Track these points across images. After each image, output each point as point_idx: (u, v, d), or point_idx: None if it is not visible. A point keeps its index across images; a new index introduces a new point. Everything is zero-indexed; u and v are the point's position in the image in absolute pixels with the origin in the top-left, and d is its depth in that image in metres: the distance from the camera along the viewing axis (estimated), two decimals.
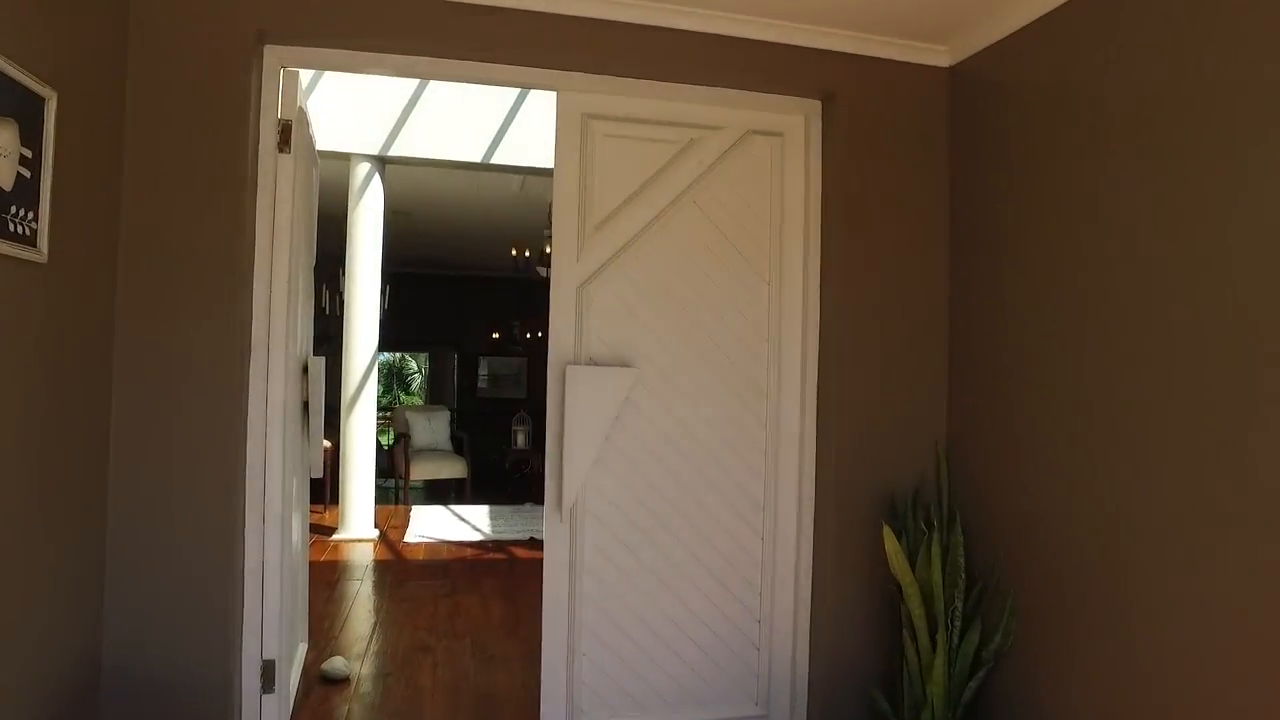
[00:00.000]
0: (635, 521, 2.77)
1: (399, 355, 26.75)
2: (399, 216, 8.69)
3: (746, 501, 2.88)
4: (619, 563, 2.76)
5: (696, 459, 2.82)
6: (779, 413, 2.89)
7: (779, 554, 2.89)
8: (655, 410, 2.78)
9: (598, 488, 2.73)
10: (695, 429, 2.82)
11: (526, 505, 7.51)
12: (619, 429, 2.73)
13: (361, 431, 5.90)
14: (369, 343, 5.93)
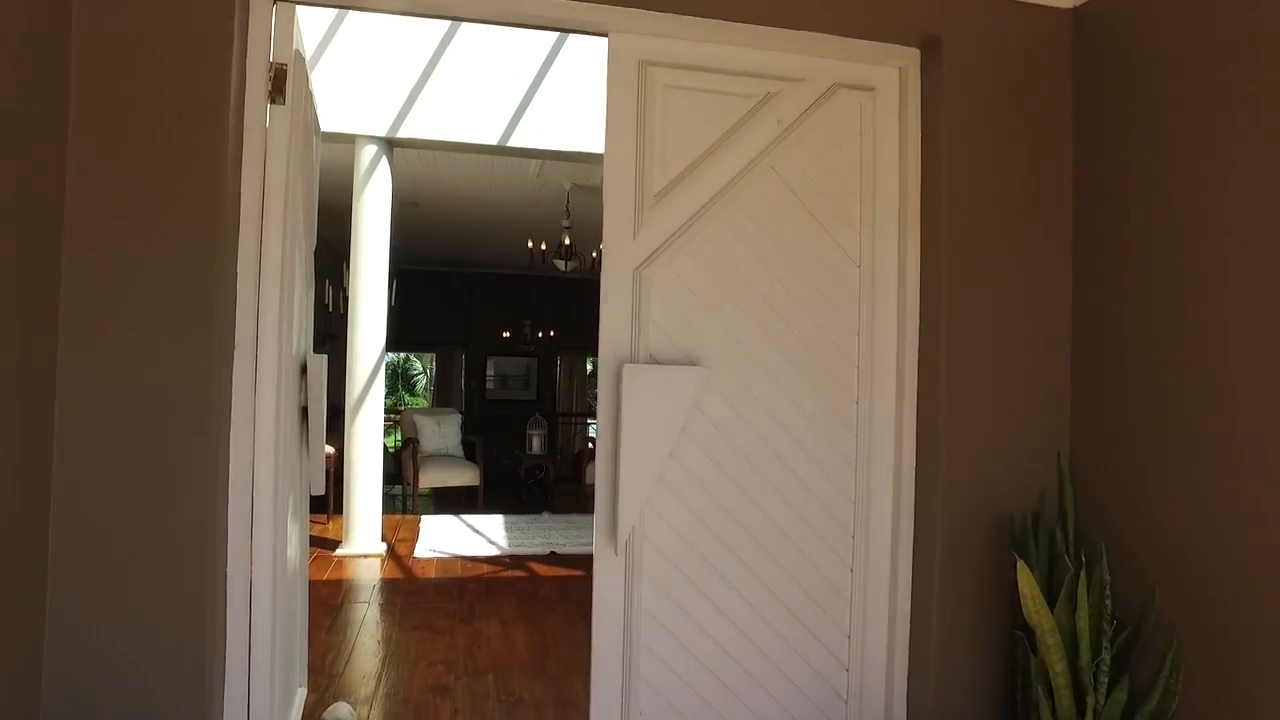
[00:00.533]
0: (702, 552, 2.30)
1: (404, 355, 26.37)
2: (406, 207, 8.22)
3: (833, 526, 2.40)
4: (683, 601, 2.29)
5: (775, 476, 2.34)
6: (871, 419, 2.42)
7: (871, 589, 2.42)
8: (727, 417, 2.30)
9: (659, 512, 2.26)
10: (774, 439, 2.34)
11: (544, 515, 7.04)
12: (684, 440, 2.25)
13: (367, 436, 5.44)
14: (375, 341, 5.47)
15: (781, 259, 2.36)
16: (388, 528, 6.31)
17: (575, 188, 7.16)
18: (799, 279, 2.37)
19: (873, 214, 2.44)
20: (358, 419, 5.40)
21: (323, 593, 4.52)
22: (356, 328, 5.43)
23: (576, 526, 6.60)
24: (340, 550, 5.42)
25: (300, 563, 2.78)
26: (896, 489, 2.41)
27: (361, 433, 5.42)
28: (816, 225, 2.39)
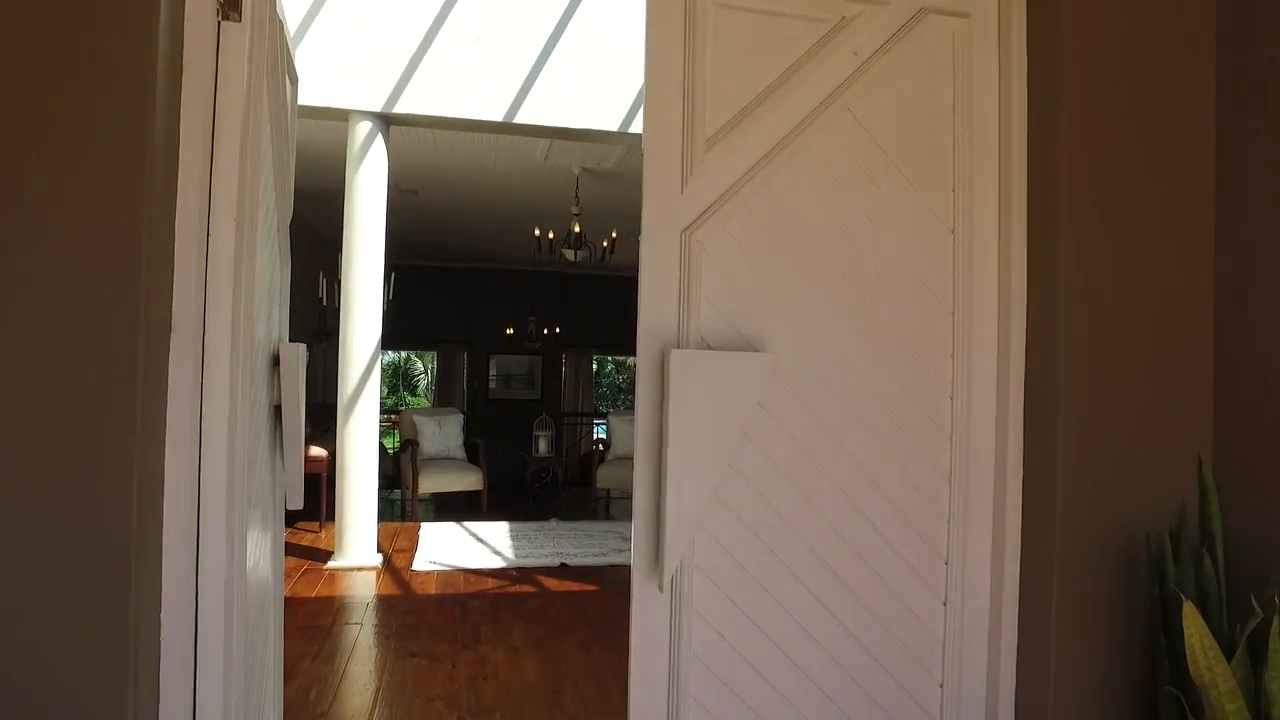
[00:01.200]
0: (766, 585, 1.85)
1: (404, 355, 25.95)
2: (405, 195, 7.78)
3: (923, 551, 1.95)
4: (742, 644, 1.84)
5: (853, 488, 1.90)
6: (969, 419, 1.97)
7: (968, 629, 1.97)
8: (795, 416, 1.85)
9: (714, 535, 1.81)
10: (851, 443, 1.89)
11: (552, 522, 6.59)
12: (745, 446, 1.80)
13: (362, 439, 4.99)
14: (370, 335, 5.02)
15: (859, 221, 1.91)
16: (384, 537, 5.87)
17: (585, 173, 6.71)
18: (881, 245, 1.92)
19: (970, 169, 1.99)
20: (351, 420, 4.95)
21: (311, 612, 4.08)
22: (350, 321, 4.98)
23: (587, 535, 6.15)
24: (332, 563, 4.97)
25: (274, 587, 2.34)
26: (999, 504, 1.96)
27: (355, 435, 4.98)
28: (902, 181, 1.95)
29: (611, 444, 7.57)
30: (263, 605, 2.14)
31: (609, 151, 6.19)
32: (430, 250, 11.78)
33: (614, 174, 6.81)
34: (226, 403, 1.60)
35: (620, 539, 6.04)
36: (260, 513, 2.07)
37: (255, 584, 1.98)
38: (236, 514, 1.65)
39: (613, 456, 7.49)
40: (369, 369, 5.00)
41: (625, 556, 5.49)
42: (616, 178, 6.92)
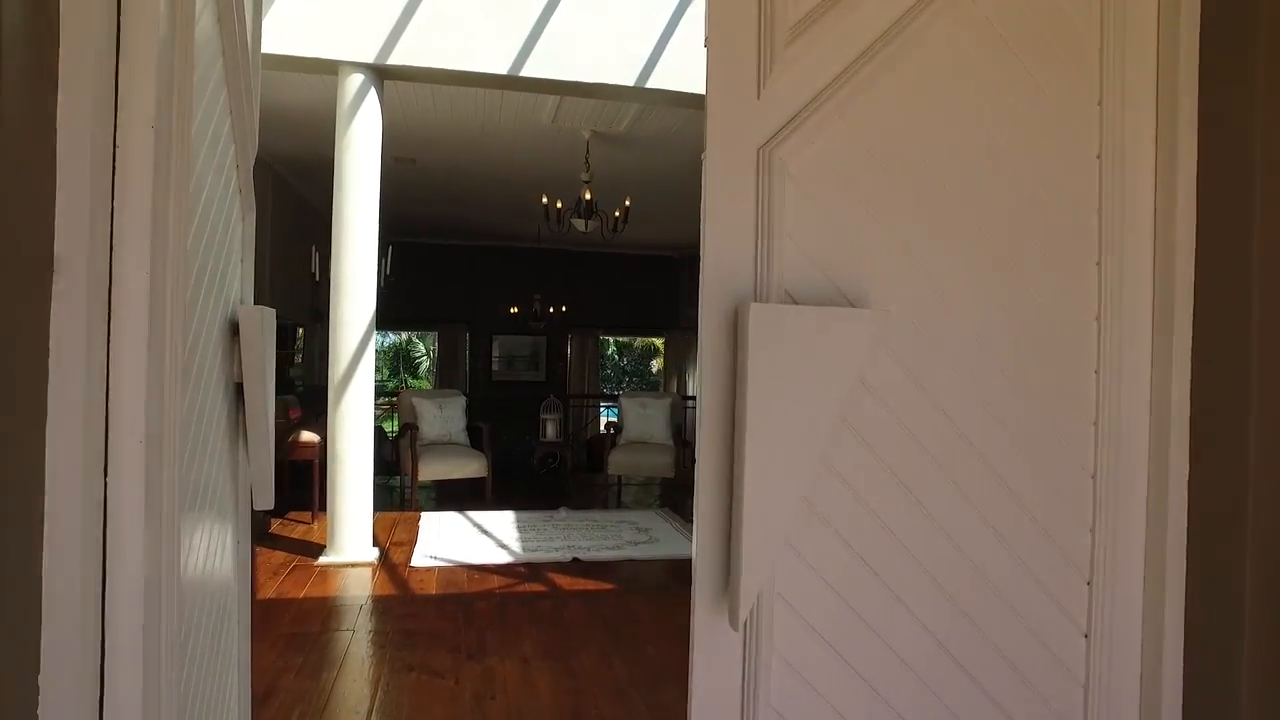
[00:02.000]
0: (866, 617, 1.42)
1: (406, 336, 25.52)
2: (402, 164, 7.31)
3: (1060, 568, 1.52)
4: (838, 697, 1.41)
5: (976, 489, 1.46)
6: (1119, 399, 1.53)
7: (1116, 670, 1.54)
8: (903, 394, 1.41)
9: (801, 552, 1.38)
10: (971, 430, 1.45)
11: (561, 511, 6.17)
12: (843, 433, 1.36)
13: (355, 423, 4.56)
14: (363, 312, 4.58)
15: (982, 141, 1.46)
16: (382, 528, 5.45)
17: (596, 137, 6.24)
18: (1008, 171, 1.47)
19: (1120, 77, 1.53)
20: (343, 403, 4.52)
21: (298, 617, 3.66)
22: (341, 297, 4.54)
23: (600, 526, 5.74)
24: (324, 558, 4.56)
25: (236, 595, 1.91)
26: (1160, 510, 1.52)
27: (348, 420, 4.54)
28: (1033, 89, 1.49)
29: (623, 428, 7.14)
30: (219, 616, 1.71)
31: (622, 112, 5.72)
32: (430, 226, 11.32)
33: (627, 138, 6.34)
34: (143, 370, 1.16)
35: (635, 530, 5.62)
36: (216, 507, 1.66)
37: (205, 591, 1.56)
38: (164, 507, 1.22)
39: (625, 441, 7.06)
40: (362, 348, 4.56)
41: (642, 550, 5.07)
42: (630, 142, 6.45)
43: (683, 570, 4.70)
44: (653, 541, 5.30)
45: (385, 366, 27.44)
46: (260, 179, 7.49)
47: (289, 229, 7.96)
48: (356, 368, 4.57)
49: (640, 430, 7.05)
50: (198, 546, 1.49)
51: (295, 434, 5.39)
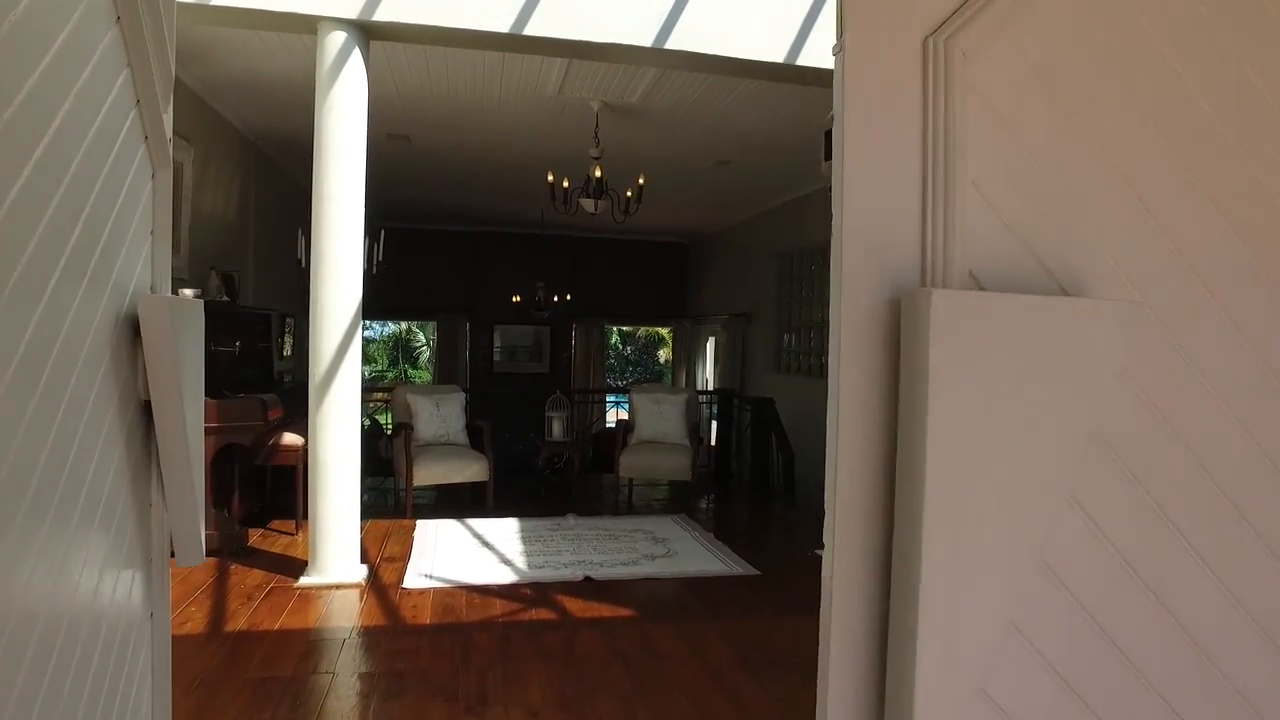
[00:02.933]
0: None
1: (405, 326, 25.03)
2: (396, 141, 6.78)
3: None
4: None
5: (1244, 560, 0.94)
6: None
7: None
8: (1155, 432, 0.89)
9: (1031, 639, 0.86)
10: (1239, 479, 0.93)
11: (569, 518, 5.67)
12: (1072, 508, 0.84)
13: (339, 426, 4.05)
14: (348, 301, 4.06)
15: (1256, 41, 0.94)
16: (373, 539, 4.96)
17: (606, 109, 5.70)
18: None
19: None
20: (325, 404, 4.01)
21: (270, 655, 3.16)
22: (322, 285, 4.01)
23: (612, 535, 5.24)
24: (306, 579, 4.06)
25: (151, 655, 1.43)
26: None
27: (331, 422, 4.03)
28: None
29: (635, 426, 6.63)
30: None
31: (635, 80, 5.18)
32: (428, 210, 10.79)
33: (640, 111, 5.80)
34: None
35: (651, 541, 5.13)
36: (106, 543, 1.17)
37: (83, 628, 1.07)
38: None
39: (636, 440, 6.55)
40: (346, 342, 4.04)
41: (659, 566, 4.57)
42: (643, 115, 5.91)
43: (707, 590, 4.20)
44: (671, 555, 4.80)
45: (384, 356, 26.95)
46: (243, 157, 6.97)
47: (277, 212, 7.43)
48: (340, 364, 4.05)
49: (653, 429, 6.55)
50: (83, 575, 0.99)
51: (276, 437, 4.89)
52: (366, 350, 26.28)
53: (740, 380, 10.71)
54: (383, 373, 26.90)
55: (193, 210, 5.40)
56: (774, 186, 8.60)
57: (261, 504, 5.41)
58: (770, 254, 9.77)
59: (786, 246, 9.35)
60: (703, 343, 13.30)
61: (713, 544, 5.09)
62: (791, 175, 7.86)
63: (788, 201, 9.04)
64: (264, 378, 5.70)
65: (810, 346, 9.01)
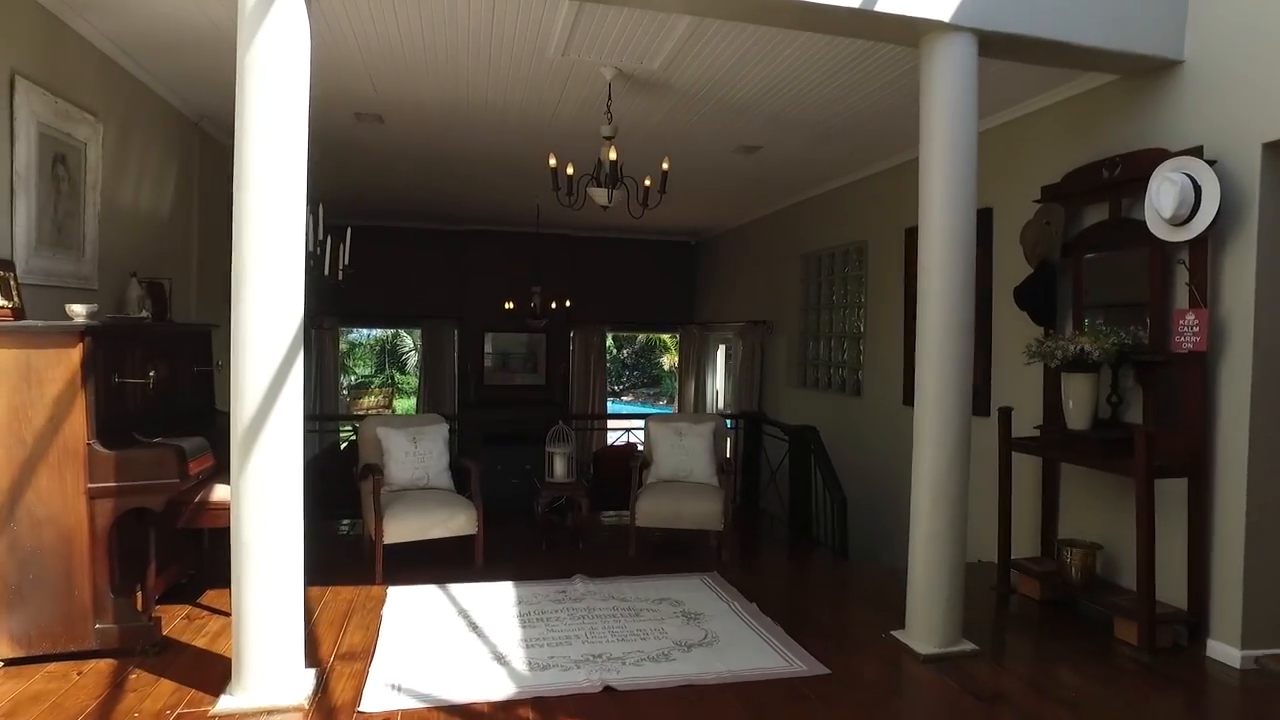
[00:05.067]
0: None
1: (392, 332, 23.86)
2: (366, 123, 5.72)
3: None
4: None
5: None
6: None
7: None
8: None
9: None
10: None
11: (576, 581, 4.61)
12: None
13: (271, 487, 2.97)
14: (281, 320, 2.97)
15: None
16: (330, 617, 3.90)
17: (621, 79, 4.64)
18: None
19: None
20: (253, 458, 2.93)
21: None
22: (244, 299, 2.93)
23: (631, 609, 4.19)
24: (226, 700, 2.98)
25: None
26: None
27: (260, 481, 2.96)
28: None
29: (653, 462, 5.57)
30: None
31: (660, 39, 4.12)
32: (409, 206, 9.70)
33: (660, 82, 4.75)
34: None
35: (681, 617, 4.08)
36: None
37: None
38: None
39: (654, 479, 5.49)
40: (282, 374, 2.96)
41: (698, 662, 3.52)
42: (663, 89, 4.85)
43: (767, 701, 3.15)
44: (711, 644, 3.75)
45: (370, 362, 25.79)
46: (182, 141, 5.81)
47: (225, 202, 6.33)
48: (273, 406, 2.97)
49: (675, 465, 5.49)
50: None
51: (204, 492, 3.81)
52: (352, 355, 25.13)
53: (759, 395, 9.67)
54: (369, 378, 25.78)
55: (103, 202, 4.32)
56: (805, 178, 7.55)
57: (194, 571, 4.34)
58: (795, 255, 8.72)
59: (815, 246, 8.30)
60: (712, 351, 12.26)
61: (759, 621, 4.05)
62: (830, 164, 6.81)
63: (818, 196, 7.99)
64: (203, 411, 4.61)
65: (844, 360, 7.96)
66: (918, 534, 3.75)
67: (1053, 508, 4.70)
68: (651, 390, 29.43)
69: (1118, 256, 4.25)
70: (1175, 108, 3.93)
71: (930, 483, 3.70)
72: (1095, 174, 4.29)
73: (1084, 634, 4.00)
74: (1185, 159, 3.70)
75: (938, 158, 3.66)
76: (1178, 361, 3.84)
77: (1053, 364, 4.10)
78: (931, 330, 3.67)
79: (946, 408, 3.66)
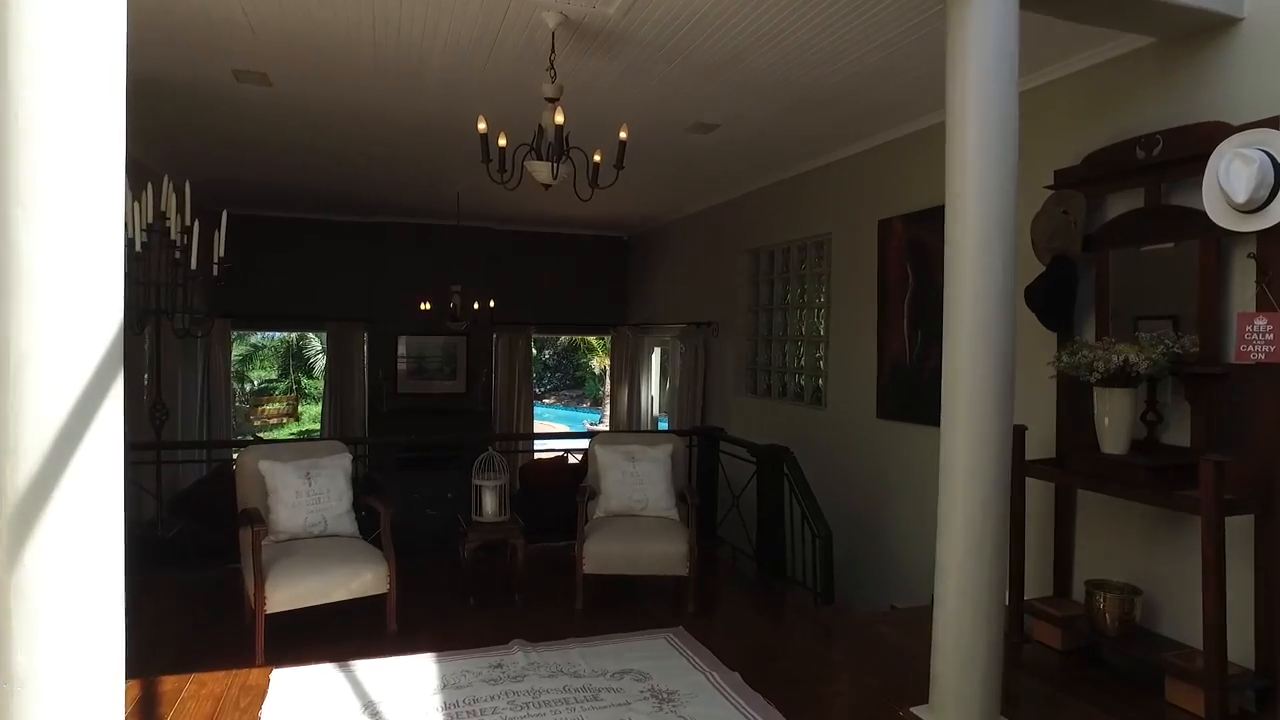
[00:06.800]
0: None
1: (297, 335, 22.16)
2: (248, 82, 4.66)
3: None
4: None
5: None
6: None
7: None
8: None
9: None
10: None
11: (514, 650, 3.72)
12: None
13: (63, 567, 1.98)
14: (84, 333, 1.98)
15: None
16: None
17: (567, 27, 3.77)
18: None
19: None
20: (30, 550, 1.93)
21: None
22: (12, 312, 1.93)
23: (586, 688, 3.33)
24: None
25: None
26: None
27: (42, 567, 1.95)
28: None
29: (600, 492, 4.71)
30: None
31: None
32: (310, 193, 8.52)
33: (616, 35, 3.90)
34: None
35: (652, 699, 3.25)
36: None
37: None
38: None
39: (603, 513, 4.63)
40: (91, 398, 1.97)
41: None
42: (618, 43, 4.00)
43: None
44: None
45: (273, 366, 23.93)
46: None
47: None
48: (82, 444, 1.97)
49: (627, 496, 4.64)
50: None
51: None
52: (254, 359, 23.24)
53: (702, 403, 8.92)
54: (272, 385, 23.90)
55: None
56: (762, 164, 6.81)
57: None
58: (744, 250, 8.00)
59: (768, 240, 7.59)
60: (647, 355, 11.46)
61: (747, 699, 3.25)
62: (795, 146, 6.08)
63: (774, 184, 7.27)
64: None
65: (800, 365, 7.28)
66: (947, 591, 3.02)
67: (1068, 542, 4.07)
68: (574, 393, 28.55)
69: (1156, 251, 3.63)
70: (1233, 74, 3.32)
71: (964, 524, 2.96)
72: (1126, 155, 3.66)
73: (1128, 698, 3.37)
74: (1259, 132, 3.09)
75: (973, 122, 2.93)
76: (1238, 375, 3.24)
77: (1092, 378, 3.44)
78: (963, 343, 2.95)
79: (983, 435, 2.93)
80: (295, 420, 22.09)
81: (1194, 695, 3.16)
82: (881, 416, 5.61)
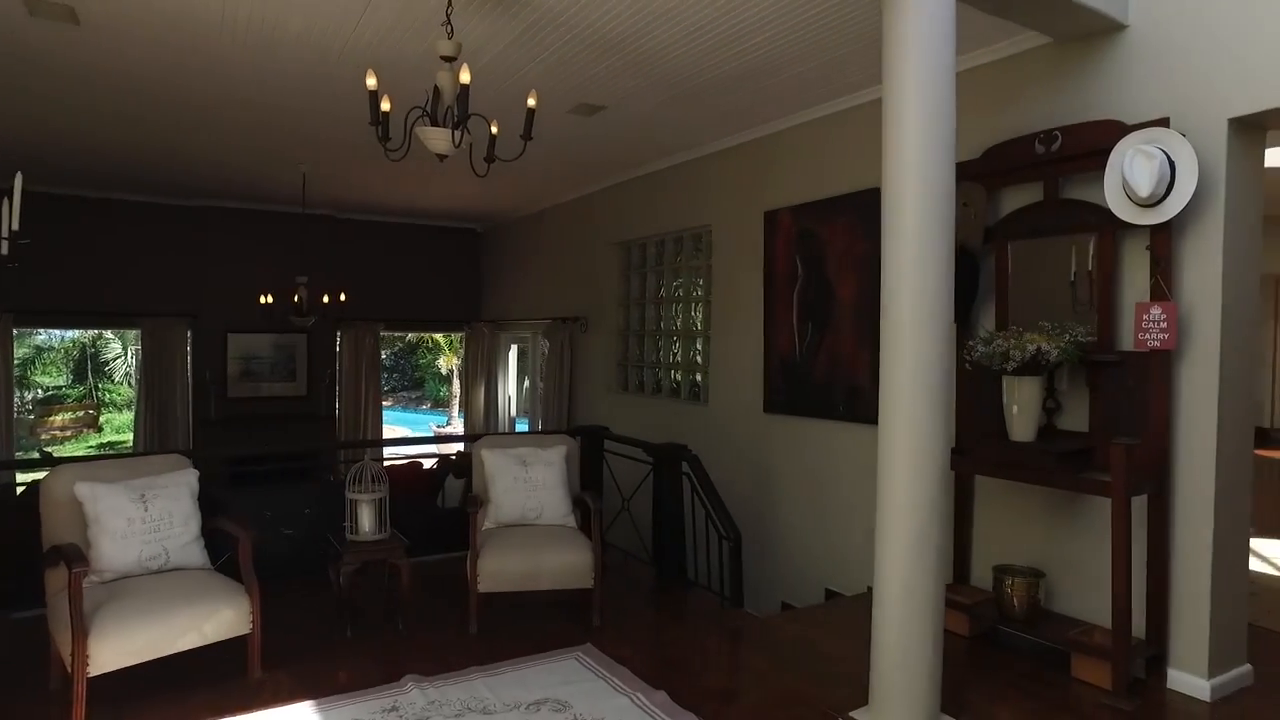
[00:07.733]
0: None
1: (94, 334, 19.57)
2: (48, 19, 3.85)
3: None
4: None
5: None
6: None
7: None
8: None
9: None
10: None
11: (408, 686, 3.24)
12: None
13: None
14: None
15: None
16: None
17: None
18: None
19: None
20: None
21: None
22: None
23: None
24: None
25: None
26: None
27: None
28: None
29: (490, 500, 4.29)
30: None
31: None
32: (123, 167, 7.37)
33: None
34: None
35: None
36: None
37: None
38: None
39: (494, 524, 4.21)
40: None
41: None
42: (519, 2, 3.61)
43: None
44: None
45: (63, 370, 21.00)
46: None
47: None
48: None
49: (520, 504, 4.24)
50: None
51: None
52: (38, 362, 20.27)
53: (569, 401, 8.60)
54: (63, 392, 20.96)
55: None
56: (640, 152, 6.57)
57: None
58: (614, 241, 7.76)
59: (641, 233, 7.39)
60: (505, 352, 10.97)
61: (676, 717, 2.99)
62: (680, 133, 5.88)
63: (649, 174, 7.05)
64: None
65: (676, 361, 7.14)
66: (888, 591, 2.90)
67: (966, 531, 4.13)
68: (414, 394, 27.32)
69: (1055, 243, 3.72)
70: (1123, 77, 3.45)
71: (905, 522, 2.85)
72: (1025, 149, 3.74)
73: (1038, 677, 3.43)
74: (1155, 130, 3.21)
75: (910, 99, 2.82)
76: (1133, 361, 3.37)
77: (1007, 367, 3.46)
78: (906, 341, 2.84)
79: (926, 429, 2.84)
80: (97, 431, 19.50)
81: (1098, 668, 3.27)
82: (769, 411, 5.54)
